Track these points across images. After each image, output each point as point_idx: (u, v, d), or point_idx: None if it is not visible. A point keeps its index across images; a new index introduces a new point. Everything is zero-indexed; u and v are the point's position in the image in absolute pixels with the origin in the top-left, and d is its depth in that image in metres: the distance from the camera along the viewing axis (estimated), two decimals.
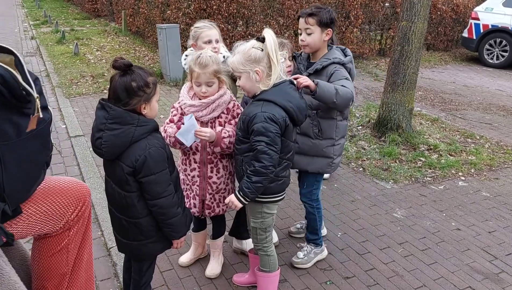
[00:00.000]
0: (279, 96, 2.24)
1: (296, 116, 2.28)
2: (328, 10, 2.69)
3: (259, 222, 2.45)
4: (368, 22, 10.52)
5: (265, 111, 2.20)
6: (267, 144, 2.19)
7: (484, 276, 3.05)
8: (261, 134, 2.19)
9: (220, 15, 8.42)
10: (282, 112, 2.23)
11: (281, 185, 2.41)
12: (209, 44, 2.94)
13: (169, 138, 2.43)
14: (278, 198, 2.44)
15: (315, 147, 2.84)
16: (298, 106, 2.27)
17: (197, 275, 2.91)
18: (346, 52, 2.84)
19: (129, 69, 1.96)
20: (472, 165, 4.86)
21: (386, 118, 5.41)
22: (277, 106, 2.22)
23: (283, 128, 2.24)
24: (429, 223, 3.70)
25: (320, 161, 2.87)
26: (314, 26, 2.66)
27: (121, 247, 2.26)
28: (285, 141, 2.30)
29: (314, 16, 2.65)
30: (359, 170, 4.66)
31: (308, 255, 3.07)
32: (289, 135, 2.31)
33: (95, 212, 3.63)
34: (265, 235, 2.49)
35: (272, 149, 2.20)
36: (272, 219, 2.47)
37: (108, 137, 1.94)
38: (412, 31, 5.09)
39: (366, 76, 9.21)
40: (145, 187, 2.02)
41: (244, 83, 2.30)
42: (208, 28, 2.97)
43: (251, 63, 2.22)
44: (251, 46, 2.23)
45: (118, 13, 13.92)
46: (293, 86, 2.32)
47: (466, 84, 8.95)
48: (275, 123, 2.19)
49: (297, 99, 2.28)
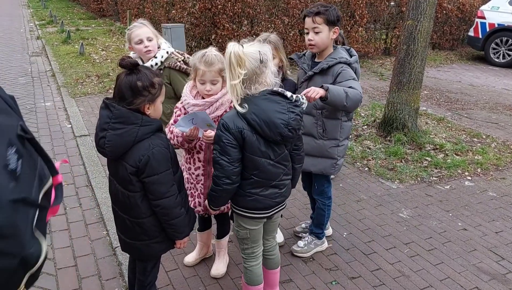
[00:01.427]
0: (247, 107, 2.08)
1: (262, 130, 2.06)
2: (334, 8, 2.67)
3: (236, 230, 2.38)
4: (373, 21, 10.48)
5: (223, 119, 2.10)
6: (220, 153, 2.09)
7: (491, 276, 3.02)
8: (216, 142, 2.11)
9: (225, 14, 8.42)
10: (242, 124, 2.06)
11: (252, 202, 2.22)
12: (141, 44, 2.89)
13: (176, 138, 2.43)
14: (250, 215, 2.27)
15: (319, 147, 2.82)
16: (266, 120, 2.04)
17: (202, 275, 2.91)
18: (351, 52, 2.82)
19: (135, 68, 1.96)
20: (478, 164, 4.83)
21: (392, 118, 5.38)
22: (238, 116, 2.08)
23: (240, 140, 2.07)
24: (435, 223, 3.68)
25: (324, 162, 2.86)
26: (322, 25, 2.64)
27: (124, 247, 2.26)
28: (247, 155, 2.11)
29: (322, 15, 2.63)
30: (365, 169, 4.64)
31: (308, 245, 3.13)
32: (252, 150, 2.10)
33: (100, 211, 3.63)
34: (243, 246, 2.40)
35: (224, 160, 2.07)
36: (246, 233, 2.33)
37: (112, 136, 1.93)
38: (418, 30, 5.06)
39: (372, 76, 9.18)
40: (148, 187, 2.02)
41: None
42: (138, 27, 2.89)
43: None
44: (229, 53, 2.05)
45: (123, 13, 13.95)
46: (271, 97, 2.09)
47: (472, 83, 8.90)
48: (228, 133, 2.06)
49: (267, 113, 2.05)
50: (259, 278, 2.45)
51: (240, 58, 1.99)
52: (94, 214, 3.59)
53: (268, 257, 2.52)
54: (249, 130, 2.07)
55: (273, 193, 2.25)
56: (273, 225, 2.49)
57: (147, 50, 2.94)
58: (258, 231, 2.37)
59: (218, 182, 2.12)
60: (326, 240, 3.25)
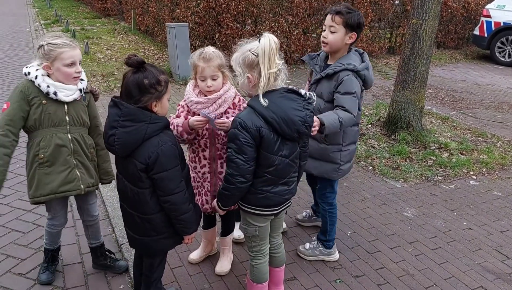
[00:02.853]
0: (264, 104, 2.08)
1: (280, 128, 2.08)
2: (358, 14, 2.59)
3: (244, 228, 2.39)
4: (377, 20, 10.46)
5: (240, 117, 2.08)
6: (235, 152, 2.08)
7: (496, 276, 3.02)
8: (231, 141, 2.10)
9: (228, 13, 8.43)
10: (259, 122, 2.06)
11: (263, 200, 2.23)
12: (72, 68, 2.41)
13: (177, 127, 2.43)
14: (260, 212, 2.28)
15: (322, 151, 2.78)
16: (284, 118, 2.07)
17: (207, 272, 2.92)
18: (363, 57, 2.73)
19: (142, 67, 1.98)
20: (483, 164, 4.81)
21: (396, 117, 5.37)
22: (255, 114, 2.08)
23: (257, 138, 2.07)
24: (440, 222, 3.67)
25: (326, 165, 2.81)
26: (340, 25, 2.58)
27: (133, 243, 2.28)
28: (263, 153, 2.12)
29: (342, 16, 2.57)
30: (369, 168, 4.64)
31: (313, 249, 3.07)
32: (268, 148, 2.12)
33: (106, 209, 3.65)
34: (251, 244, 2.41)
35: (240, 158, 2.07)
36: (255, 231, 2.34)
37: (121, 134, 1.96)
38: (423, 28, 5.05)
39: (376, 75, 9.16)
40: (158, 184, 2.04)
41: (240, 85, 2.24)
42: (71, 47, 2.41)
43: (245, 67, 2.13)
44: (249, 49, 2.12)
45: (127, 12, 13.99)
46: (287, 94, 2.12)
47: (477, 83, 8.87)
48: (246, 132, 2.05)
49: (285, 110, 2.08)
50: (265, 276, 2.47)
51: (277, 48, 2.04)
52: (100, 212, 3.60)
53: (274, 255, 2.54)
54: (267, 128, 2.08)
55: (282, 190, 2.26)
56: (279, 221, 2.51)
57: (77, 76, 2.48)
58: (266, 228, 2.38)
59: (232, 180, 2.12)
60: (336, 252, 3.11)
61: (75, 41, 2.51)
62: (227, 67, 2.48)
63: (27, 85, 2.44)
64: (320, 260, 3.08)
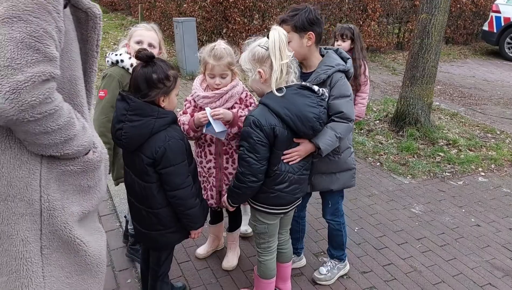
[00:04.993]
0: (277, 101, 2.04)
1: (295, 125, 2.05)
2: (305, 11, 2.30)
3: (253, 225, 2.38)
4: (386, 15, 10.38)
5: (253, 115, 2.05)
6: (248, 151, 2.05)
7: (504, 273, 3.00)
8: (244, 139, 2.06)
9: (236, 8, 8.40)
10: (274, 119, 2.03)
11: (274, 199, 2.21)
12: (138, 45, 2.56)
13: (183, 125, 2.44)
14: (271, 211, 2.27)
15: (336, 163, 2.53)
16: (299, 115, 2.04)
17: (213, 267, 2.92)
18: (341, 54, 2.48)
19: (151, 61, 1.97)
20: (492, 160, 4.77)
21: (404, 113, 5.33)
22: (269, 112, 2.04)
23: (271, 137, 2.04)
24: (448, 218, 3.65)
25: (344, 175, 2.59)
26: (290, 33, 2.29)
27: (140, 237, 2.29)
28: (276, 152, 2.10)
29: (288, 22, 2.31)
30: (377, 164, 4.61)
31: (331, 270, 2.83)
32: (282, 146, 2.10)
33: (113, 203, 3.67)
34: (259, 240, 2.40)
35: (252, 157, 2.04)
36: (264, 228, 2.33)
37: (129, 128, 1.96)
38: (432, 23, 5.00)
39: (384, 70, 9.10)
40: (165, 178, 2.04)
41: (250, 83, 2.20)
42: (145, 28, 2.65)
43: (255, 63, 2.09)
44: (257, 44, 2.09)
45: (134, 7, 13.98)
46: (301, 91, 2.09)
47: (486, 79, 8.78)
48: (260, 130, 2.01)
49: (300, 107, 2.05)
50: (272, 272, 2.47)
51: (287, 39, 2.04)
52: (107, 206, 3.62)
53: (281, 251, 2.53)
54: (281, 126, 2.04)
55: (294, 188, 2.24)
56: (288, 219, 2.50)
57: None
58: (275, 225, 2.38)
59: (243, 179, 2.10)
60: (348, 262, 2.94)
61: (158, 29, 2.70)
62: (237, 63, 2.46)
63: (120, 73, 2.56)
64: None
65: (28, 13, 1.22)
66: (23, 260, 1.39)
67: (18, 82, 1.19)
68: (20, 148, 1.36)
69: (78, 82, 1.47)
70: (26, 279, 1.40)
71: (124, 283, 2.76)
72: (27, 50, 1.22)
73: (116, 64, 2.58)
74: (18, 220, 1.38)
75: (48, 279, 1.45)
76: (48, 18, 1.26)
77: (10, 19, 1.20)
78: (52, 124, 1.31)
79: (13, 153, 1.35)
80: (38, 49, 1.24)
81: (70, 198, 1.48)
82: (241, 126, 2.40)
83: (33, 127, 1.28)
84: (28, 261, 1.40)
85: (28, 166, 1.37)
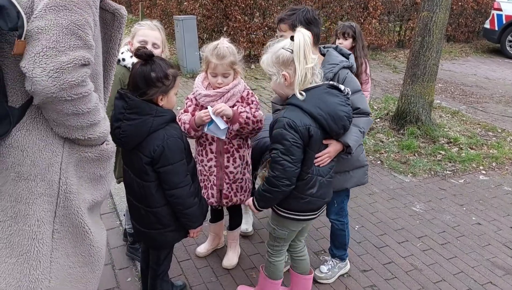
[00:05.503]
0: (308, 101, 2.00)
1: (328, 124, 2.02)
2: (303, 10, 2.33)
3: (272, 228, 2.30)
4: (387, 13, 10.35)
5: (286, 117, 1.99)
6: (282, 153, 1.99)
7: (505, 271, 2.99)
8: (277, 141, 2.00)
9: (237, 6, 8.38)
10: (307, 120, 1.99)
11: (306, 204, 2.14)
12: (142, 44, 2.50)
13: (184, 125, 2.44)
14: (301, 217, 2.19)
15: (349, 161, 2.50)
16: (331, 113, 2.01)
17: (214, 266, 2.92)
18: (341, 51, 2.49)
19: (150, 59, 1.96)
20: (493, 159, 4.76)
21: (405, 111, 5.32)
22: (302, 112, 2.00)
23: (306, 137, 2.00)
24: (449, 217, 3.64)
25: (357, 173, 2.60)
26: (287, 31, 2.31)
27: (139, 236, 2.28)
28: (310, 153, 2.05)
29: (285, 21, 2.34)
30: (377, 163, 4.60)
31: (332, 269, 2.83)
32: (315, 147, 2.06)
33: (113, 202, 3.66)
34: (273, 243, 2.35)
35: (287, 160, 1.99)
36: (285, 234, 2.27)
37: (127, 126, 1.95)
38: (433, 21, 4.98)
39: (385, 68, 9.08)
40: (163, 177, 2.03)
41: (273, 86, 2.14)
42: (149, 27, 2.60)
43: (279, 66, 2.04)
44: (281, 47, 2.03)
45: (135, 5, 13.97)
46: (330, 90, 2.06)
47: (487, 77, 8.76)
48: (295, 131, 1.97)
49: (331, 106, 2.02)
50: (281, 273, 2.45)
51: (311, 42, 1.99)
52: (107, 205, 3.62)
53: (300, 258, 2.47)
54: (315, 126, 2.01)
55: (324, 193, 2.19)
56: (308, 225, 2.44)
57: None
58: (296, 232, 2.32)
59: (276, 183, 2.02)
60: (348, 261, 2.94)
61: (162, 28, 2.66)
62: (240, 62, 2.46)
63: (122, 71, 2.53)
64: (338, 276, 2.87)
65: (73, 4, 1.35)
66: (36, 241, 1.46)
67: (62, 63, 1.31)
68: (46, 130, 1.45)
69: (99, 77, 1.58)
70: (35, 261, 1.46)
71: (124, 282, 2.76)
72: (70, 35, 1.34)
73: (118, 63, 2.56)
74: (36, 200, 1.44)
75: (55, 265, 1.51)
76: (89, 11, 1.39)
77: (57, 7, 1.32)
78: (84, 106, 1.42)
79: (39, 134, 1.44)
80: (80, 36, 1.36)
81: (84, 185, 1.57)
82: (241, 122, 2.40)
83: (67, 107, 1.38)
84: (40, 243, 1.46)
85: (52, 148, 1.46)
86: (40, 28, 1.30)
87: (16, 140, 1.41)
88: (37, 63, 1.29)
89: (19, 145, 1.41)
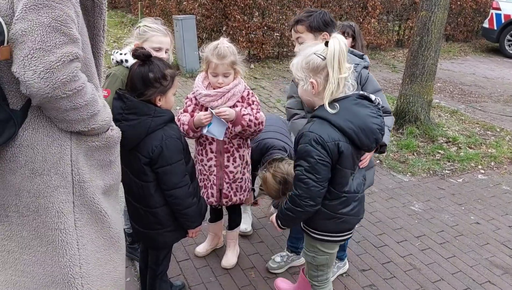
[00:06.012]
0: (337, 113, 1.82)
1: (359, 139, 1.83)
2: (320, 12, 2.34)
3: (311, 256, 2.15)
4: (386, 12, 10.35)
5: (312, 131, 1.82)
6: (306, 171, 1.83)
7: (503, 271, 3.00)
8: (302, 158, 1.84)
9: (236, 5, 8.37)
10: (336, 134, 1.81)
11: (341, 224, 2.00)
12: (157, 52, 2.47)
13: (182, 125, 2.44)
14: (337, 238, 2.06)
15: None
16: (363, 127, 1.83)
17: (213, 265, 2.92)
18: (353, 52, 2.51)
19: (148, 60, 1.96)
20: (492, 158, 4.77)
21: (404, 110, 5.33)
22: (330, 126, 1.82)
23: (336, 154, 1.82)
24: (447, 216, 3.65)
25: (369, 173, 2.53)
26: (304, 33, 2.31)
27: (138, 236, 2.29)
28: (342, 171, 1.87)
29: (303, 22, 2.33)
30: (376, 162, 4.61)
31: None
32: (347, 163, 1.88)
33: None
34: (316, 273, 2.18)
35: (311, 178, 1.82)
36: (326, 259, 2.13)
37: (125, 127, 1.94)
38: (432, 21, 4.99)
39: (384, 68, 9.09)
40: (161, 178, 2.04)
41: (300, 92, 1.98)
42: (163, 34, 2.53)
43: (309, 72, 1.87)
44: (314, 52, 1.87)
45: (134, 4, 13.96)
46: (361, 101, 1.89)
47: (486, 76, 8.76)
48: (322, 148, 1.80)
49: (362, 118, 1.84)
50: None
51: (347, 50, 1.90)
52: None
53: None
54: (345, 141, 1.83)
55: (359, 210, 2.05)
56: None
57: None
58: (335, 254, 2.19)
59: (299, 202, 1.87)
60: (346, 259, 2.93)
61: (169, 30, 2.61)
62: (240, 62, 2.46)
63: (124, 72, 2.49)
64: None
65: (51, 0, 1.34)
66: (58, 231, 1.52)
67: (51, 62, 1.33)
68: (51, 126, 1.49)
69: (91, 64, 1.60)
70: (61, 249, 1.54)
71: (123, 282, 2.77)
72: (54, 33, 1.34)
73: (121, 64, 2.56)
74: (53, 193, 1.50)
75: (83, 251, 1.59)
76: (68, 4, 1.39)
77: (36, 6, 1.32)
78: (80, 100, 1.44)
79: (45, 131, 1.48)
80: (64, 32, 1.36)
81: (95, 172, 1.62)
82: (244, 125, 2.40)
83: (64, 104, 1.41)
84: (63, 232, 1.53)
85: (59, 142, 1.50)
86: (24, 30, 1.31)
87: (25, 139, 1.46)
88: (27, 66, 1.31)
89: (28, 143, 1.46)
